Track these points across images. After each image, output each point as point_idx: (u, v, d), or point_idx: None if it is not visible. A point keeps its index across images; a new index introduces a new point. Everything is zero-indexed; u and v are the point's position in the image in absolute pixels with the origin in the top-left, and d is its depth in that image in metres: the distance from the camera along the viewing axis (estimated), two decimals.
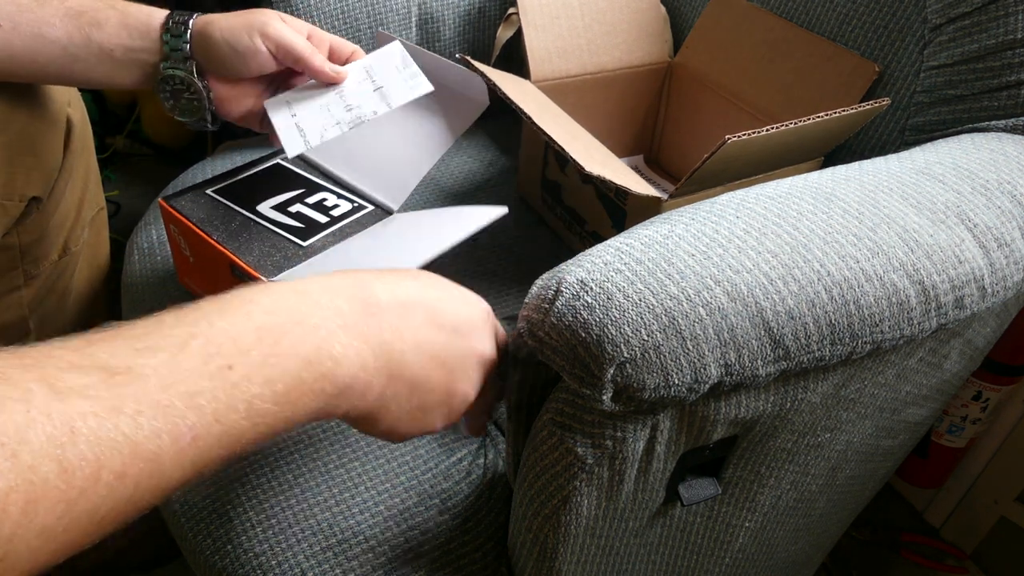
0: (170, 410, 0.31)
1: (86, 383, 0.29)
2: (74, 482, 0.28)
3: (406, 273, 0.44)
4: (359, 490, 0.58)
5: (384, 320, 0.39)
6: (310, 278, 0.39)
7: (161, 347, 0.32)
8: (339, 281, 0.39)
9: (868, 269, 0.44)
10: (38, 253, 0.80)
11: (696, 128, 0.93)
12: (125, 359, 0.31)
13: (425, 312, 0.42)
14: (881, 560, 1.04)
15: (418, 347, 0.41)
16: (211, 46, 0.61)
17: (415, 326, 0.41)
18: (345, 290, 0.39)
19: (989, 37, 0.64)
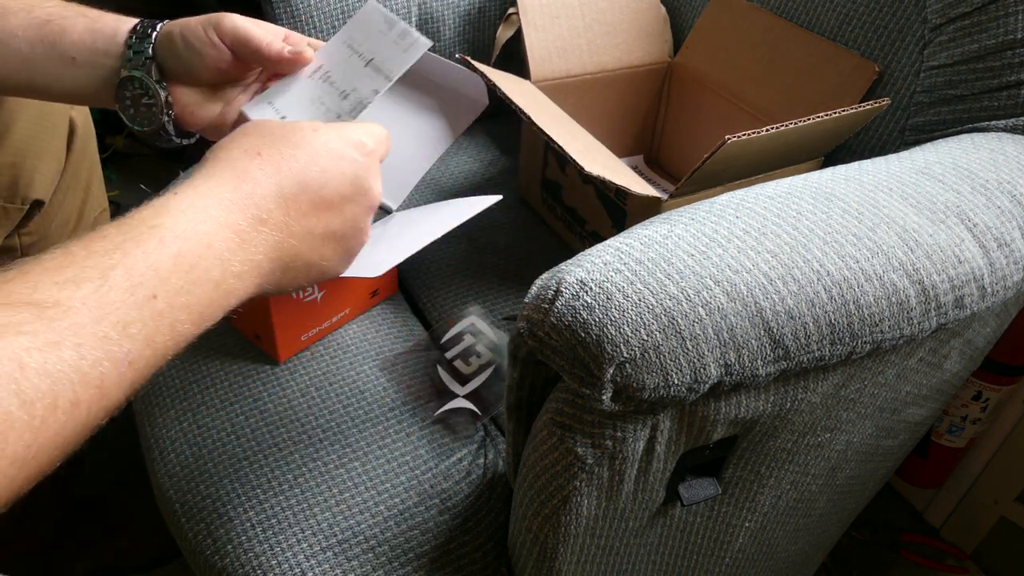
0: (107, 340, 0.34)
1: (20, 319, 0.31)
2: (35, 412, 0.30)
3: (289, 156, 0.45)
4: (359, 490, 0.58)
5: (274, 224, 0.42)
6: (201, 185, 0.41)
7: (83, 279, 0.34)
8: (230, 191, 0.41)
9: (868, 269, 0.44)
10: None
11: (696, 128, 0.93)
12: (50, 293, 0.33)
13: (309, 198, 0.44)
14: (881, 560, 1.04)
15: (308, 233, 0.45)
16: (170, 45, 0.58)
17: (301, 215, 0.44)
18: (238, 203, 0.41)
19: (989, 37, 0.64)
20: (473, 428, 0.64)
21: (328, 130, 0.47)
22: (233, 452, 0.61)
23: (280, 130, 0.46)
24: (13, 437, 0.30)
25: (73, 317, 0.32)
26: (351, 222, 0.47)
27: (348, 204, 0.47)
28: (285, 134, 0.45)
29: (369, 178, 0.48)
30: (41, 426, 0.31)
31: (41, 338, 0.31)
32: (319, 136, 0.46)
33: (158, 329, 0.36)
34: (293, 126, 0.46)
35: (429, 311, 0.76)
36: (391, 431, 0.62)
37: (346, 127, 0.48)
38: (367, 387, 0.66)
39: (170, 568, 0.95)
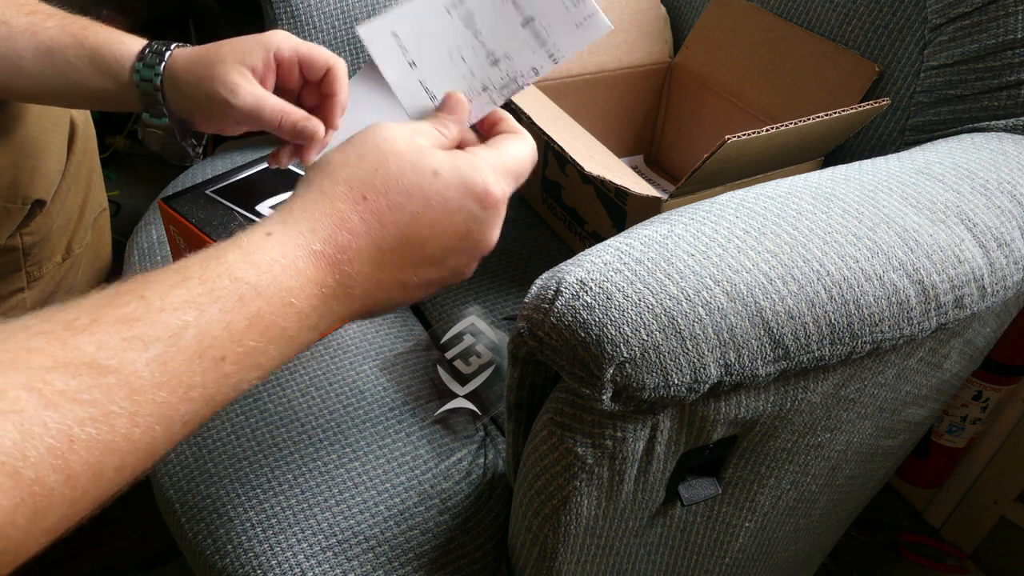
0: (164, 406, 0.32)
1: (77, 386, 0.29)
2: (78, 486, 0.29)
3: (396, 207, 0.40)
4: (359, 490, 0.58)
5: (363, 279, 0.39)
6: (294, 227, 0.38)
7: (152, 338, 0.31)
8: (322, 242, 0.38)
9: (868, 269, 0.44)
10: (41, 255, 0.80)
11: (696, 128, 0.93)
12: (114, 352, 0.30)
13: (409, 254, 0.40)
14: (881, 560, 1.04)
15: (401, 285, 0.41)
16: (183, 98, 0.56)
17: (397, 270, 0.40)
18: (329, 257, 0.38)
19: (989, 37, 0.64)
20: (473, 428, 0.64)
21: (451, 176, 0.40)
22: (233, 452, 0.61)
23: (395, 165, 0.40)
24: (52, 511, 0.28)
25: (134, 383, 0.30)
26: (452, 270, 0.43)
27: (452, 256, 0.42)
28: (401, 172, 0.40)
29: (485, 230, 0.42)
30: (82, 497, 0.29)
31: (97, 408, 0.29)
32: (438, 183, 0.40)
33: (220, 390, 0.34)
34: (413, 161, 0.40)
35: (429, 311, 0.76)
36: (391, 431, 0.62)
37: (475, 168, 0.41)
38: (367, 387, 0.66)
39: (170, 568, 0.95)
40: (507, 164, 0.43)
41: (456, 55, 0.47)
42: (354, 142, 0.41)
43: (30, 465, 0.27)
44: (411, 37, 0.47)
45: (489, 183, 0.41)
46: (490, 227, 0.42)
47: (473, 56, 0.47)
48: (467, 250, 0.42)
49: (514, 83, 0.47)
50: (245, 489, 0.58)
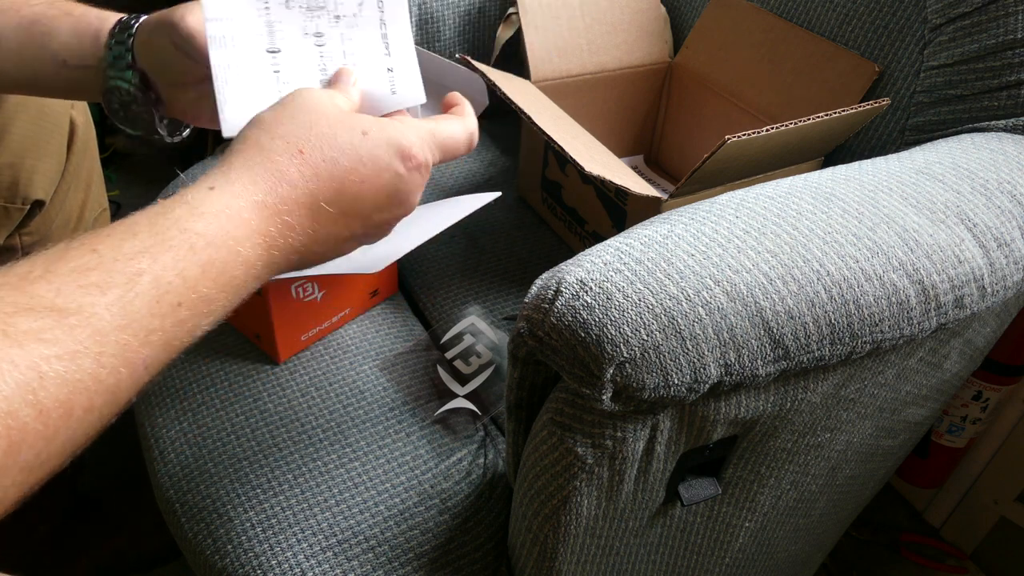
0: (127, 348, 0.33)
1: (40, 326, 0.31)
2: (50, 422, 0.30)
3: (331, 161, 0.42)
4: (359, 490, 0.58)
5: (301, 231, 0.41)
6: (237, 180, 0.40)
7: (109, 284, 0.33)
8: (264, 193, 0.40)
9: (868, 269, 0.44)
10: None
11: (696, 128, 0.93)
12: (74, 298, 0.32)
13: (340, 207, 0.42)
14: (881, 560, 1.04)
15: (333, 237, 0.43)
16: (148, 51, 0.54)
17: (330, 222, 0.42)
18: (271, 208, 0.40)
19: (989, 37, 0.64)
20: (473, 428, 0.64)
21: (379, 135, 0.43)
22: (233, 452, 0.61)
23: (329, 123, 0.43)
24: (26, 446, 0.29)
25: (95, 324, 0.32)
26: (376, 226, 0.46)
27: (379, 212, 0.45)
28: (334, 131, 0.43)
29: (410, 191, 0.45)
30: (54, 434, 0.31)
31: (62, 346, 0.31)
32: (367, 142, 0.43)
33: (177, 335, 0.36)
34: (344, 121, 0.43)
35: (429, 311, 0.76)
36: (391, 431, 0.62)
37: (401, 132, 0.44)
38: (367, 387, 0.66)
39: (170, 568, 0.95)
40: (434, 136, 0.46)
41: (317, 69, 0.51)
42: (284, 103, 0.44)
43: (3, 398, 0.28)
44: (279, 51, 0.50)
45: (414, 146, 0.44)
46: (414, 188, 0.45)
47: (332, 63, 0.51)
48: (390, 207, 0.45)
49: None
50: (245, 489, 0.58)
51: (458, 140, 0.48)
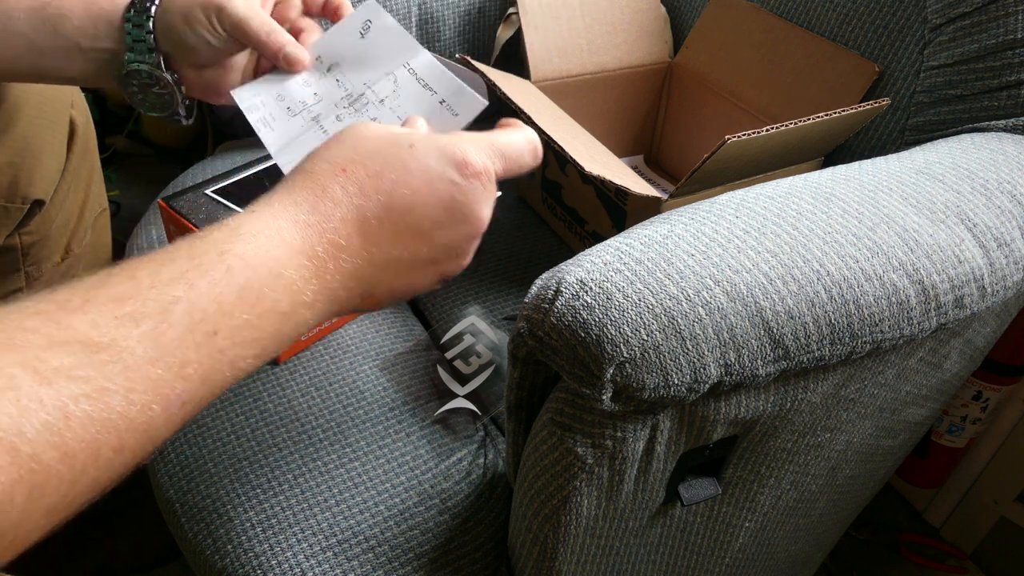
0: (160, 383, 0.31)
1: (71, 363, 0.29)
2: (75, 464, 0.29)
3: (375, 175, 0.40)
4: (359, 490, 0.58)
5: (352, 250, 0.39)
6: (277, 201, 0.38)
7: (143, 315, 0.32)
8: (307, 211, 0.38)
9: (868, 269, 0.44)
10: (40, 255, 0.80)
11: (696, 128, 0.93)
12: (107, 330, 0.30)
13: (393, 224, 0.40)
14: (881, 560, 1.04)
15: (393, 261, 0.40)
16: (170, 31, 0.54)
17: (384, 241, 0.40)
18: (315, 226, 0.38)
19: (989, 37, 0.64)
20: (473, 428, 0.64)
21: (428, 146, 0.41)
22: (233, 452, 0.61)
23: (374, 142, 0.41)
24: (50, 489, 0.28)
25: (127, 359, 0.30)
26: (445, 249, 0.42)
27: (441, 230, 0.41)
28: (379, 147, 0.41)
29: (471, 203, 0.41)
30: (80, 476, 0.29)
31: (91, 384, 0.29)
32: (415, 153, 0.41)
33: (216, 367, 0.34)
34: (389, 137, 0.41)
35: (429, 311, 0.76)
36: (391, 431, 0.62)
37: (453, 141, 0.42)
38: (367, 387, 0.66)
39: (170, 568, 0.95)
40: (492, 142, 0.43)
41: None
42: (335, 135, 0.42)
43: (27, 441, 0.27)
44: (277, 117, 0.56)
45: (468, 152, 0.41)
46: (476, 200, 0.42)
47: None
48: (453, 223, 0.41)
49: None
50: (245, 489, 0.58)
51: (520, 148, 0.45)
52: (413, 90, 0.54)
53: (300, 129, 0.54)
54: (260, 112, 0.55)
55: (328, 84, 0.56)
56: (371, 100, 0.54)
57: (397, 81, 0.54)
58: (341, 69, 0.56)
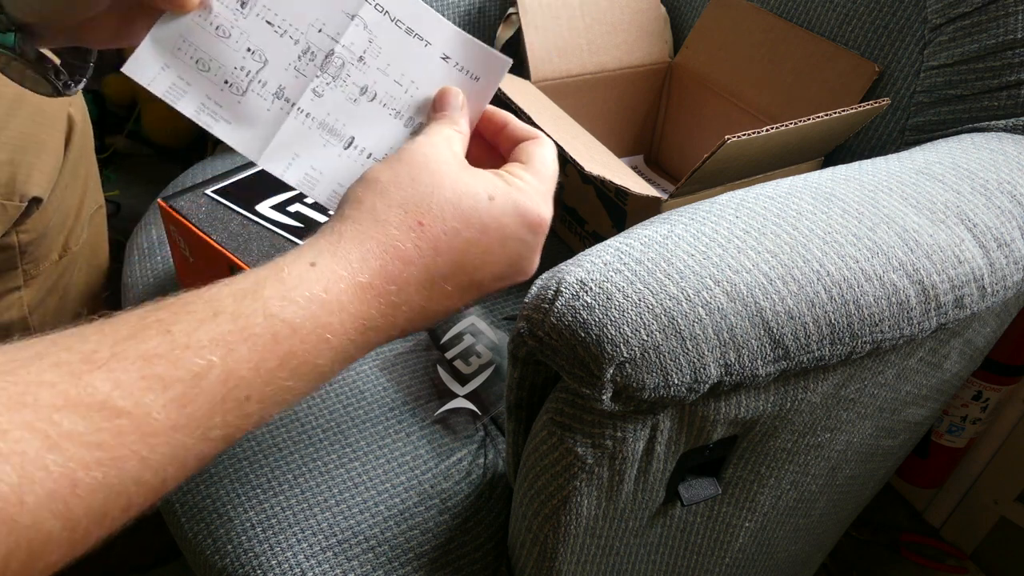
0: (180, 447, 0.29)
1: (86, 428, 0.27)
2: (79, 528, 0.27)
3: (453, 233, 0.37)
4: (359, 490, 0.58)
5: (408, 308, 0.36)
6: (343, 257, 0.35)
7: (173, 379, 0.29)
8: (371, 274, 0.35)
9: (868, 269, 0.44)
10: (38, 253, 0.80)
11: (696, 128, 0.93)
12: (130, 392, 0.28)
13: (458, 282, 0.38)
14: (881, 560, 1.04)
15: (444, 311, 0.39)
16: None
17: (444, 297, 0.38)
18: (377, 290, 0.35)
19: (989, 37, 0.64)
20: (473, 428, 0.64)
21: (506, 201, 0.38)
22: (233, 452, 0.61)
23: (452, 189, 0.37)
24: (49, 553, 0.26)
25: (148, 426, 0.28)
26: (489, 292, 0.41)
27: (497, 282, 0.40)
28: (459, 197, 0.37)
29: (532, 257, 0.41)
30: (83, 539, 0.27)
31: (106, 451, 0.27)
32: (493, 209, 0.38)
33: (242, 427, 0.31)
34: (470, 185, 0.38)
35: None
36: (391, 431, 0.62)
37: (528, 195, 0.39)
38: (367, 387, 0.66)
39: (170, 568, 0.95)
40: (547, 183, 0.41)
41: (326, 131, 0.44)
42: (402, 160, 0.38)
43: (27, 511, 0.25)
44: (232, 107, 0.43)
45: (542, 210, 0.39)
46: (536, 253, 0.41)
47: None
48: (510, 276, 0.41)
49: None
50: (245, 489, 0.58)
51: (555, 168, 0.43)
52: (397, 40, 0.43)
53: (270, 116, 0.43)
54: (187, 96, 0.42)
55: (259, 32, 0.42)
56: (346, 59, 0.42)
57: (368, 26, 0.42)
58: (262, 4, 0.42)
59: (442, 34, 0.43)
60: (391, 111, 0.44)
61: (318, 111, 0.43)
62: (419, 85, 0.43)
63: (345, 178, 0.43)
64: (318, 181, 0.43)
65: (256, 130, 0.43)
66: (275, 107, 0.43)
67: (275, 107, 0.43)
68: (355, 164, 0.44)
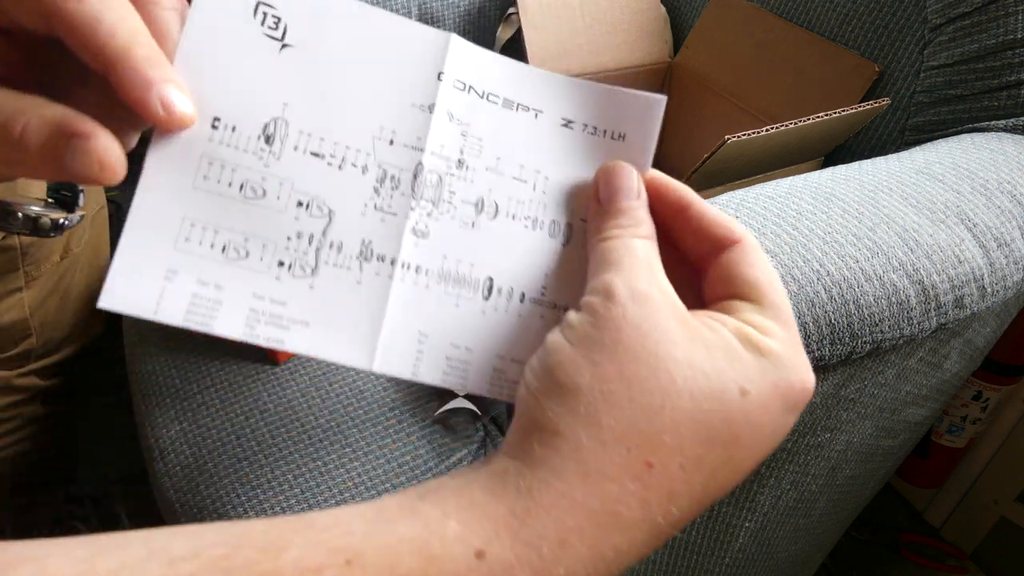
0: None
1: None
2: None
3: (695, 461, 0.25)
4: (359, 490, 0.58)
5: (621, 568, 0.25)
6: (518, 546, 0.23)
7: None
8: (569, 561, 0.23)
9: (868, 269, 0.44)
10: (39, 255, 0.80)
11: (696, 128, 0.93)
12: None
13: (686, 520, 0.26)
14: (881, 560, 1.04)
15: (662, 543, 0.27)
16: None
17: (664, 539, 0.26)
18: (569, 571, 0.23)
19: (989, 37, 0.64)
20: (473, 428, 0.64)
21: (763, 388, 0.26)
22: (233, 452, 0.61)
23: (688, 392, 0.24)
24: None
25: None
26: None
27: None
28: (697, 404, 0.24)
29: (785, 436, 0.28)
30: None
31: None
32: (750, 406, 0.25)
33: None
34: (710, 377, 0.25)
35: None
36: (391, 431, 0.62)
37: (786, 360, 0.27)
38: (367, 387, 0.66)
39: None
40: (794, 324, 0.28)
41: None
42: (600, 339, 0.25)
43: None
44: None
45: (806, 378, 0.28)
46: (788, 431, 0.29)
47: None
48: (751, 472, 0.28)
49: None
50: (245, 489, 0.58)
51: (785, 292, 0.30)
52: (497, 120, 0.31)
53: (365, 292, 0.28)
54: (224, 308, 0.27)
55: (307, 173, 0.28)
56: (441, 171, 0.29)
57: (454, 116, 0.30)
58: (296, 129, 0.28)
59: (551, 91, 0.32)
60: (524, 222, 0.30)
61: (430, 258, 0.29)
62: (547, 173, 0.31)
63: (505, 345, 0.30)
64: (469, 365, 0.29)
65: (351, 321, 0.28)
66: (367, 275, 0.28)
67: (367, 275, 0.28)
68: (509, 319, 0.30)
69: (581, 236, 0.31)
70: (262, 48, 0.28)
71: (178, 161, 0.27)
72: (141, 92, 0.25)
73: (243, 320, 0.27)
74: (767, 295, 0.28)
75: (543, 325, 0.30)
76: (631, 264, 0.27)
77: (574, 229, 0.31)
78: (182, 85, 0.26)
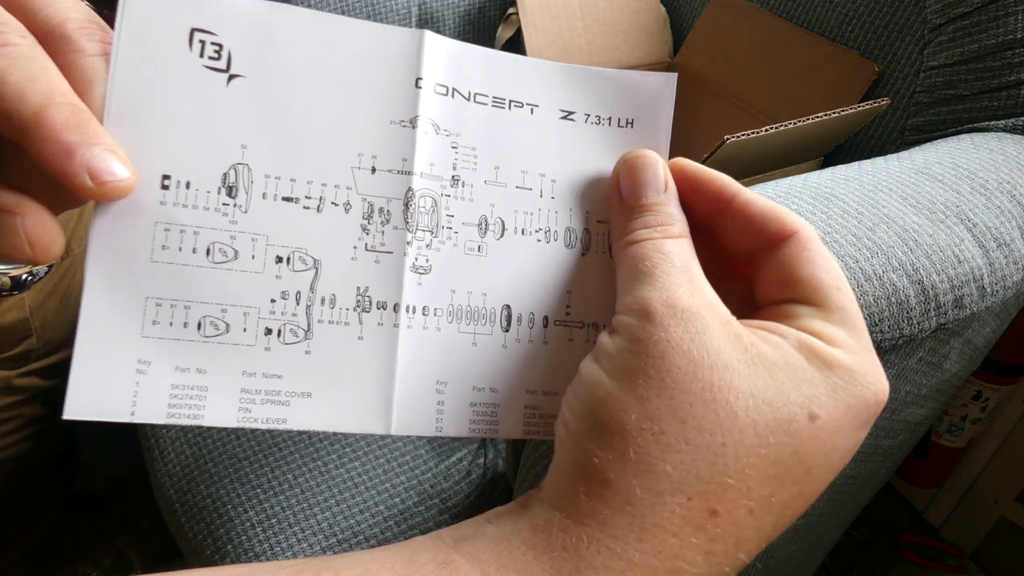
0: None
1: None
2: None
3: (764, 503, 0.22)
4: (359, 490, 0.58)
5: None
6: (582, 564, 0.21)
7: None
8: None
9: (867, 269, 0.44)
10: None
11: (696, 128, 0.93)
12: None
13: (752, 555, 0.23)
14: (881, 560, 1.04)
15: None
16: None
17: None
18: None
19: (989, 37, 0.64)
20: None
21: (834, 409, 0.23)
22: (233, 452, 0.61)
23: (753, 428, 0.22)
24: None
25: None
26: None
27: None
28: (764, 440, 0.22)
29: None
30: None
31: None
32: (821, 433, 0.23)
33: None
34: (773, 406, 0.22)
35: None
36: None
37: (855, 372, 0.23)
38: None
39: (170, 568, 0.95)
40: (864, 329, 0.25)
41: None
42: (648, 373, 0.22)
43: None
44: None
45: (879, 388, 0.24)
46: None
47: None
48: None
49: None
50: (245, 489, 0.58)
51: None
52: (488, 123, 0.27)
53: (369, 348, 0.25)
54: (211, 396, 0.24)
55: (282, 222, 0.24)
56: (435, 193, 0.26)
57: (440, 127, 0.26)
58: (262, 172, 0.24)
59: (545, 81, 0.27)
60: (536, 236, 0.27)
61: (437, 296, 0.26)
62: (553, 176, 0.27)
63: (535, 379, 0.27)
64: (497, 408, 0.26)
65: (359, 383, 0.25)
66: (369, 328, 0.25)
67: (369, 328, 0.25)
68: (535, 348, 0.27)
69: (601, 241, 0.27)
70: (206, 84, 0.23)
71: (128, 233, 0.23)
72: (61, 163, 0.21)
73: (235, 404, 0.24)
74: (831, 297, 0.25)
75: (573, 348, 0.27)
76: (667, 273, 0.23)
77: (592, 234, 0.27)
78: (113, 146, 0.22)
